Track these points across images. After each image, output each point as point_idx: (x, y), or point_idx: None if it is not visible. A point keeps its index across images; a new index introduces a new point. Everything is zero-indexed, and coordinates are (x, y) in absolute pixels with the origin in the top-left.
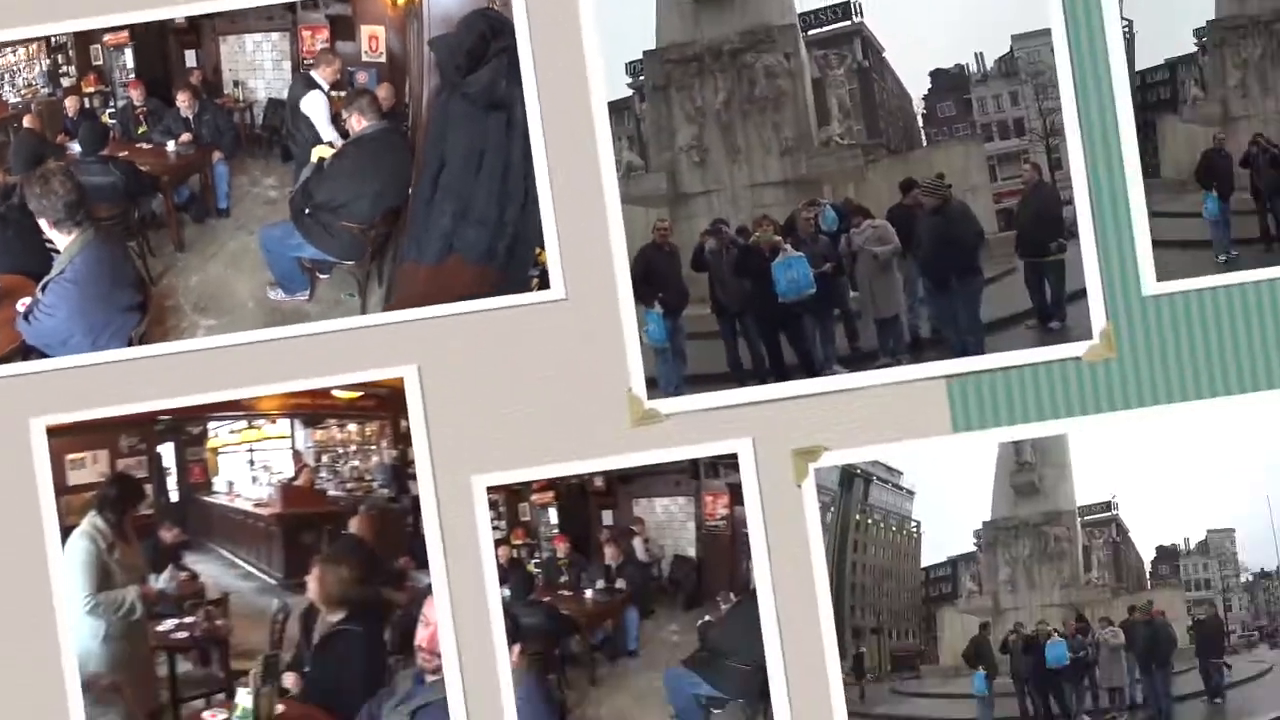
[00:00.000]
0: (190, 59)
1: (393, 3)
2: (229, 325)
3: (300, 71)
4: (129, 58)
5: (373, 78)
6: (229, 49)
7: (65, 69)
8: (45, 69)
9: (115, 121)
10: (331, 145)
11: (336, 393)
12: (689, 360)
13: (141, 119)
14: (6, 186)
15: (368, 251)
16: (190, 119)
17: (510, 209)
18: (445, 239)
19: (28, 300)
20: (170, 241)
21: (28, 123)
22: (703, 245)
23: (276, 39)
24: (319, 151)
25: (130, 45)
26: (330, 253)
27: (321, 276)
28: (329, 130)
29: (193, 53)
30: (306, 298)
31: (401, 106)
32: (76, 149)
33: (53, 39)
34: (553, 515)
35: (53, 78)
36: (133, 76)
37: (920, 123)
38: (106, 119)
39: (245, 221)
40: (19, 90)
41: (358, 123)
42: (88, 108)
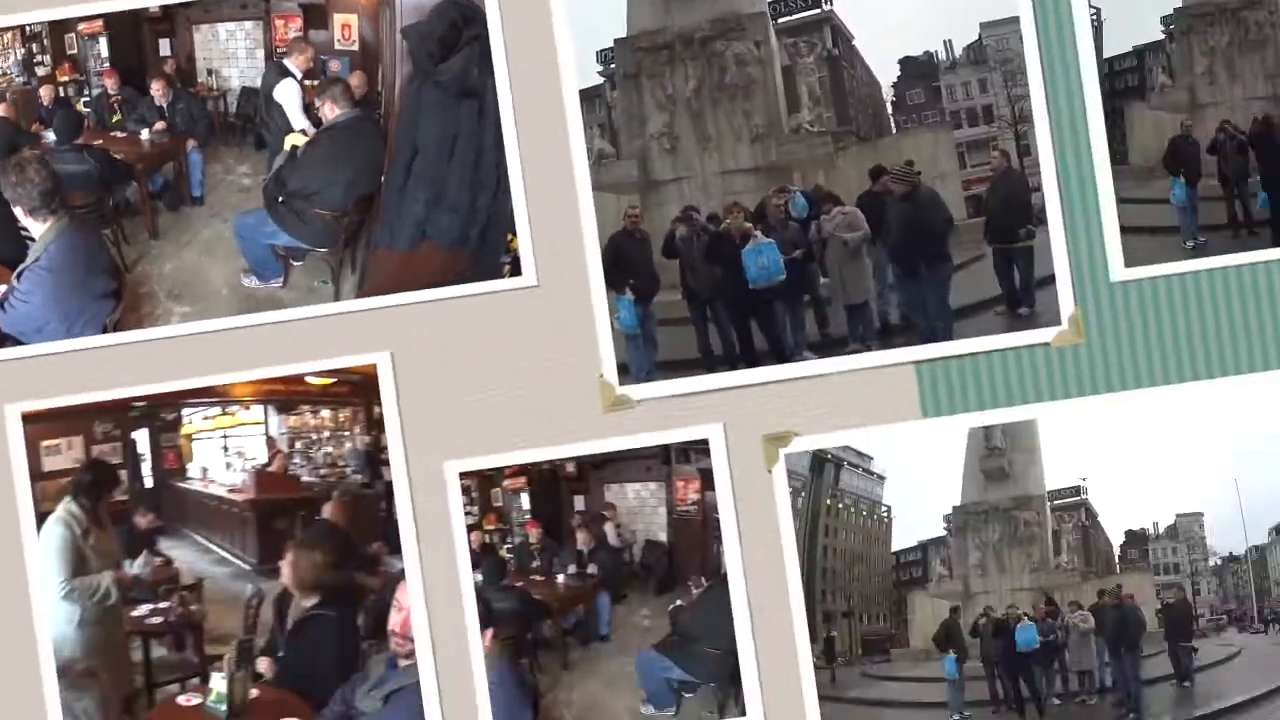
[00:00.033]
0: (164, 48)
1: None
2: (203, 312)
3: (273, 60)
4: (103, 46)
5: (345, 66)
6: (203, 38)
7: (40, 58)
8: (20, 58)
9: (90, 110)
10: (304, 133)
11: (310, 379)
12: (660, 346)
13: (116, 107)
14: None
15: (341, 239)
16: (164, 107)
17: (482, 196)
18: (418, 225)
19: (2, 288)
20: (145, 229)
21: (2, 111)
22: (674, 232)
23: (250, 27)
24: (292, 139)
25: (105, 34)
26: (304, 240)
27: (295, 264)
28: (302, 118)
29: (167, 41)
30: (280, 285)
31: (374, 94)
32: (51, 137)
33: (27, 28)
34: (525, 501)
35: (27, 66)
36: (107, 65)
37: (890, 110)
38: (81, 107)
39: (219, 209)
40: None
41: (330, 111)
42: (62, 96)
